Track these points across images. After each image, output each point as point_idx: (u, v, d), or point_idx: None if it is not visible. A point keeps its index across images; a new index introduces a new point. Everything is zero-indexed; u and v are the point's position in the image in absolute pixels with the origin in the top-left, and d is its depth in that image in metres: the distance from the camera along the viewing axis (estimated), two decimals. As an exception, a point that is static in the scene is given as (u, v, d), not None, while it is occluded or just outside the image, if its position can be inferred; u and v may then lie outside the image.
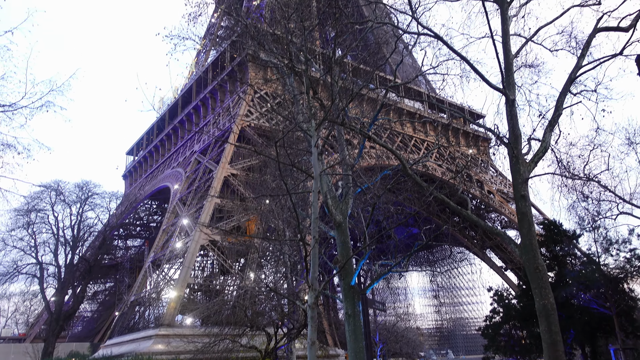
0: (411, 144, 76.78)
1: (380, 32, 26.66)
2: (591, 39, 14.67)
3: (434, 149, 17.45)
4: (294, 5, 17.85)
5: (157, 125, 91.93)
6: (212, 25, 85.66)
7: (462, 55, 15.38)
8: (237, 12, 22.38)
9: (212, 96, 73.96)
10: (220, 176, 54.92)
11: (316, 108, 17.59)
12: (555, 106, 14.54)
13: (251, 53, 43.67)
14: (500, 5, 15.23)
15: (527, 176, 13.94)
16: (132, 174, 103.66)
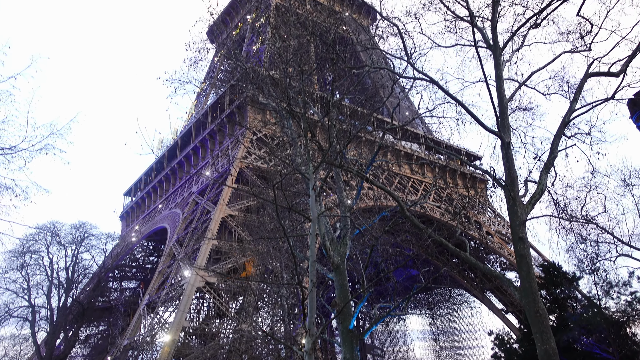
0: (409, 185, 77.03)
1: (377, 76, 27.24)
2: (583, 83, 15.01)
3: (432, 191, 17.56)
4: (293, 50, 18.31)
5: (156, 167, 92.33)
6: (212, 68, 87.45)
7: (457, 99, 15.68)
8: (237, 57, 22.91)
9: (211, 138, 74.67)
10: (217, 218, 54.76)
11: (314, 150, 17.77)
12: (551, 149, 14.73)
13: (250, 96, 44.35)
14: (493, 51, 15.65)
15: (525, 218, 13.96)
16: (129, 214, 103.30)
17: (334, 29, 18.84)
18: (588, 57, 15.77)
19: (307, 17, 21.60)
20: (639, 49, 13.90)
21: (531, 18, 15.71)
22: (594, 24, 15.39)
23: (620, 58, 14.81)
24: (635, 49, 14.00)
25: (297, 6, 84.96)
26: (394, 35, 18.09)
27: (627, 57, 14.37)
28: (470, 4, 16.43)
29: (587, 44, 15.75)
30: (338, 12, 24.99)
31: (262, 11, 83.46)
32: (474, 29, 15.96)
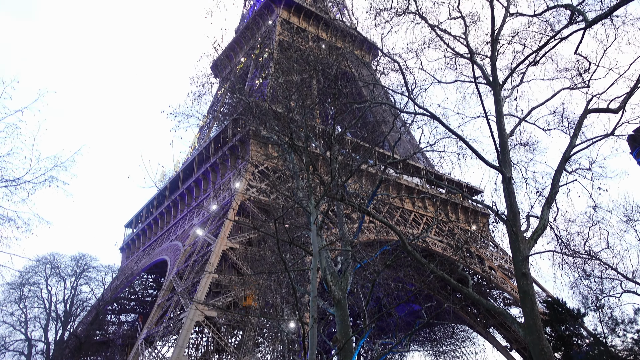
0: (410, 219, 76.79)
1: (378, 111, 27.54)
2: (582, 119, 15.15)
3: (433, 225, 17.55)
4: (296, 85, 18.59)
5: (158, 199, 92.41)
6: (216, 101, 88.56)
7: (458, 134, 15.80)
8: (240, 91, 23.24)
9: (213, 170, 74.97)
10: (218, 251, 54.44)
11: (316, 183, 17.82)
12: (552, 184, 14.74)
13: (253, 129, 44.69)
14: (492, 88, 15.86)
15: (528, 253, 13.86)
16: (129, 246, 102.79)
17: (336, 64, 19.18)
18: (587, 94, 15.97)
19: (309, 53, 22.01)
20: (636, 86, 14.08)
21: (530, 56, 15.99)
22: (591, 62, 15.65)
23: (619, 95, 14.99)
24: (633, 86, 14.18)
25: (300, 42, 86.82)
26: (395, 71, 18.38)
27: (625, 94, 14.54)
28: (469, 42, 16.76)
29: (586, 81, 15.97)
30: (340, 48, 25.47)
31: (266, 47, 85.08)
32: (473, 65, 16.23)
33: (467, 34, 17.06)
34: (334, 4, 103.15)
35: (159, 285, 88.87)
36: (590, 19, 13.50)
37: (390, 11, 17.80)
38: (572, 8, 14.28)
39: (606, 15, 12.80)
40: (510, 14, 16.30)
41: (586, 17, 13.59)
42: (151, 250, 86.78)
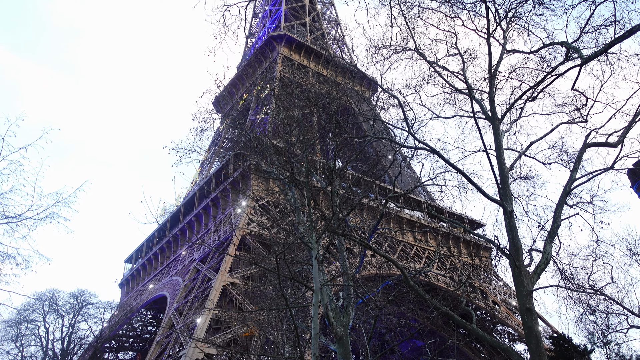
0: (412, 253, 76.23)
1: (379, 145, 27.73)
2: (582, 153, 15.24)
3: (435, 259, 17.42)
4: (296, 120, 18.80)
5: (158, 233, 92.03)
6: (217, 136, 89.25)
7: (458, 168, 15.88)
8: (241, 126, 23.46)
9: (214, 205, 74.94)
10: (218, 286, 53.89)
11: (317, 218, 17.79)
12: (554, 218, 14.72)
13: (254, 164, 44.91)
14: (492, 122, 16.03)
15: (531, 288, 13.71)
16: (129, 282, 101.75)
17: (337, 100, 19.45)
18: (585, 128, 16.13)
19: (310, 89, 22.35)
20: (634, 120, 14.24)
21: (527, 91, 16.22)
22: (588, 97, 15.86)
23: (617, 129, 15.14)
24: (631, 120, 14.34)
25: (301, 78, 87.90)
26: (394, 106, 18.63)
27: (623, 129, 14.68)
28: (467, 78, 17.04)
29: (584, 115, 16.15)
30: (340, 84, 25.86)
31: (267, 83, 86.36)
32: (472, 101, 16.45)
33: (465, 70, 17.37)
34: (334, 42, 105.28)
35: (158, 322, 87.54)
36: (585, 55, 13.76)
37: (389, 48, 18.17)
38: (568, 45, 14.57)
39: (601, 53, 13.06)
40: (507, 51, 16.63)
41: (581, 54, 13.86)
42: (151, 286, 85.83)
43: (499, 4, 16.46)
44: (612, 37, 13.65)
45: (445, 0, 17.38)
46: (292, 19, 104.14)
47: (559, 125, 16.56)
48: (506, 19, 16.62)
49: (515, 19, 16.77)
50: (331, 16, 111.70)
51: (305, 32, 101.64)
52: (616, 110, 15.19)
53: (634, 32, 11.17)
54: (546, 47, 16.15)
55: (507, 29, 16.80)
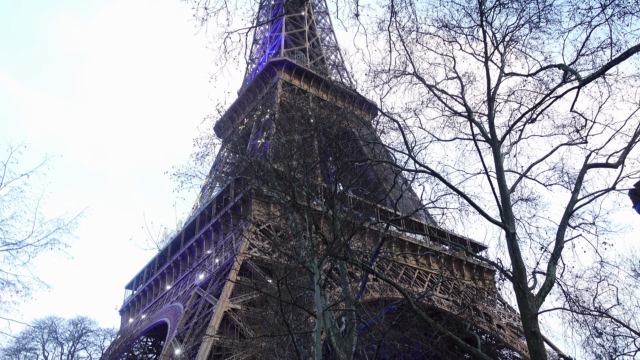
0: (415, 276, 75.63)
1: (379, 168, 27.78)
2: (582, 174, 15.24)
3: (438, 282, 17.32)
4: (297, 145, 18.87)
5: (159, 259, 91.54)
6: (218, 161, 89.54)
7: (459, 191, 15.86)
8: (242, 151, 23.56)
9: (215, 230, 74.72)
10: (219, 312, 53.35)
11: (318, 242, 17.70)
12: (556, 239, 14.63)
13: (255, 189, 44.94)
14: (491, 145, 16.07)
15: (536, 311, 13.55)
16: (129, 308, 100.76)
17: (337, 124, 19.56)
18: (585, 149, 16.18)
19: (310, 114, 22.52)
20: (634, 141, 14.28)
21: (526, 113, 16.32)
22: (587, 119, 15.94)
23: (617, 150, 15.17)
24: (631, 141, 14.38)
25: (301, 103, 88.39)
26: (394, 129, 18.71)
27: (623, 149, 14.71)
28: (467, 101, 17.16)
29: (583, 136, 16.21)
30: (340, 108, 26.06)
31: (268, 107, 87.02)
32: (471, 124, 16.53)
33: (464, 93, 17.51)
34: (334, 67, 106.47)
35: (158, 349, 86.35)
36: (583, 77, 13.88)
37: (389, 73, 18.36)
38: (565, 68, 14.71)
39: (599, 74, 13.18)
40: (505, 74, 16.78)
41: (579, 76, 13.98)
42: (151, 312, 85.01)
43: (496, 28, 16.71)
44: (608, 59, 13.79)
45: (443, 25, 17.63)
46: (292, 44, 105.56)
47: (559, 147, 16.61)
48: (503, 42, 16.83)
49: (512, 42, 16.99)
50: (330, 42, 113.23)
51: (305, 57, 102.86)
52: (615, 131, 15.25)
53: (630, 54, 11.29)
54: (544, 69, 16.31)
55: (505, 52, 17.01)
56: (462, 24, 17.28)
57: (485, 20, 15.99)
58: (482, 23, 15.94)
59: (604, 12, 13.52)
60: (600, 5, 13.35)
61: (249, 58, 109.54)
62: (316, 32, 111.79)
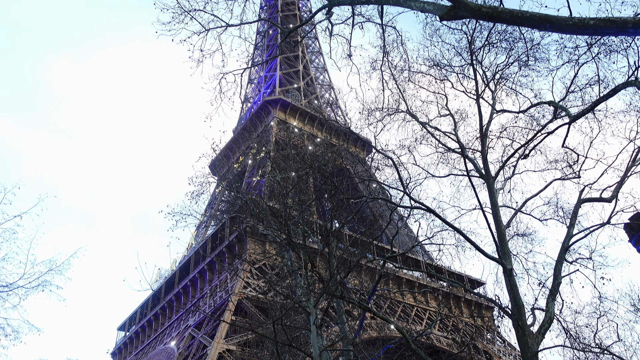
0: (413, 314, 74.55)
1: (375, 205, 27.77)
2: (577, 209, 15.31)
3: (437, 320, 17.05)
4: (292, 182, 18.92)
5: (152, 299, 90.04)
6: (213, 199, 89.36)
7: (455, 227, 15.85)
8: (237, 189, 23.56)
9: (210, 269, 73.88)
10: (214, 354, 52.16)
11: (314, 280, 17.51)
12: (554, 275, 14.55)
13: (250, 228, 44.77)
14: (486, 180, 16.17)
15: (536, 349, 13.33)
16: (121, 351, 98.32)
17: (332, 161, 19.68)
18: (579, 184, 16.30)
19: (305, 152, 22.67)
20: (626, 175, 14.42)
21: (519, 149, 16.51)
22: (579, 154, 16.14)
23: (610, 184, 15.31)
24: (623, 176, 14.52)
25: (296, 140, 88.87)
26: (389, 166, 18.84)
27: (616, 184, 14.85)
28: (460, 137, 17.37)
29: (576, 171, 16.36)
30: (335, 145, 26.26)
31: (263, 145, 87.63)
32: (465, 160, 16.68)
33: (457, 130, 17.73)
34: (328, 105, 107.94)
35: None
36: (573, 114, 14.13)
37: (382, 111, 18.62)
38: (555, 105, 14.99)
39: (588, 111, 13.42)
40: (496, 111, 17.06)
41: (569, 112, 14.23)
42: (144, 355, 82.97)
43: (486, 67, 17.08)
44: (597, 96, 14.08)
45: (435, 64, 18.02)
46: (287, 83, 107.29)
47: (553, 182, 16.75)
48: (494, 80, 17.18)
49: (502, 80, 17.34)
50: (324, 80, 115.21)
51: (300, 96, 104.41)
52: (607, 166, 15.42)
53: (617, 90, 11.54)
54: (534, 106, 16.62)
55: (496, 89, 17.33)
56: (453, 63, 17.69)
57: (475, 59, 16.37)
58: (472, 62, 16.31)
59: (590, 50, 13.90)
60: (586, 44, 13.73)
61: (244, 97, 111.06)
62: (310, 71, 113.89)
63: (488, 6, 8.08)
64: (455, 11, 8.18)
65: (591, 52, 14.03)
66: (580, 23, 7.12)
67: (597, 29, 7.10)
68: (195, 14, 13.63)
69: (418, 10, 9.44)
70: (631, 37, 12.08)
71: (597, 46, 13.94)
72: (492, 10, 7.79)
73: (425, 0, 9.45)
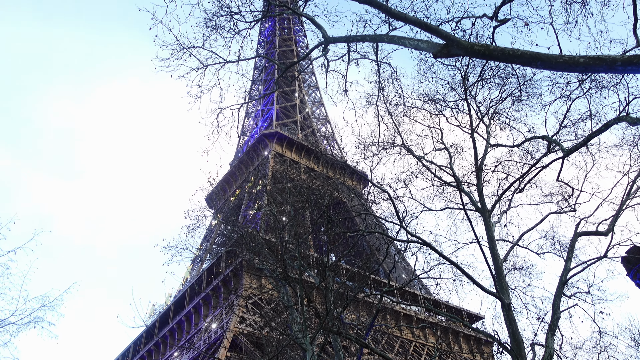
0: (411, 349, 73.24)
1: (372, 238, 27.68)
2: (574, 242, 15.30)
3: (435, 356, 16.77)
4: (288, 215, 18.89)
5: (146, 335, 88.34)
6: (209, 232, 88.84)
7: (452, 261, 15.77)
8: (234, 223, 23.49)
9: (205, 303, 72.82)
10: (208, 391, 50.86)
11: (311, 315, 17.29)
12: (552, 309, 14.42)
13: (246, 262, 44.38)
14: (482, 214, 16.19)
15: (537, 386, 13.10)
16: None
17: (328, 195, 19.72)
18: (575, 217, 16.34)
19: (302, 185, 22.72)
20: (621, 209, 14.48)
21: (514, 183, 16.61)
22: (574, 188, 16.25)
23: (606, 217, 15.36)
24: (618, 209, 14.59)
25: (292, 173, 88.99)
26: (385, 200, 18.87)
27: (611, 217, 14.90)
28: (455, 171, 17.48)
29: (572, 205, 16.43)
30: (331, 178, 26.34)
31: (259, 179, 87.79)
32: (461, 193, 16.75)
33: (452, 164, 17.87)
34: (325, 139, 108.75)
35: None
36: (567, 148, 14.29)
37: (378, 145, 18.77)
38: (549, 139, 15.17)
39: (582, 145, 13.58)
40: (491, 145, 17.23)
41: (562, 147, 14.40)
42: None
43: (480, 102, 17.35)
44: (590, 130, 14.28)
45: (429, 99, 18.29)
46: (284, 117, 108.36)
47: (549, 215, 16.79)
48: (488, 115, 17.43)
49: (496, 114, 17.59)
50: (321, 114, 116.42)
51: (297, 129, 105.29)
52: (602, 200, 15.51)
53: (609, 126, 11.73)
54: (528, 140, 16.81)
55: (490, 124, 17.56)
56: (447, 98, 17.97)
57: (469, 94, 16.65)
58: (466, 97, 16.58)
59: (582, 86, 14.17)
60: (577, 80, 14.00)
61: (241, 131, 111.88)
62: (307, 105, 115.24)
63: (480, 44, 8.28)
64: (448, 49, 8.38)
65: (582, 88, 14.31)
66: (571, 61, 7.29)
67: (587, 66, 7.27)
68: (194, 50, 13.89)
69: (412, 48, 9.66)
70: (620, 74, 12.34)
71: (588, 82, 14.24)
72: (484, 49, 7.99)
73: (419, 39, 9.68)
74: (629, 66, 6.80)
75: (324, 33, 12.04)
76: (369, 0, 10.12)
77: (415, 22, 9.61)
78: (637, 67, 6.75)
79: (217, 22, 14.15)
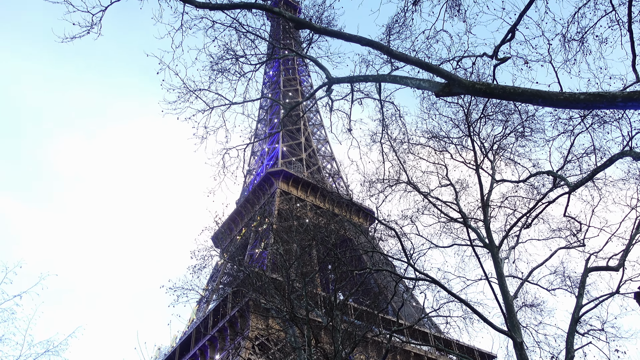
0: (423, 391, 71.12)
1: (380, 276, 27.37)
2: (584, 278, 15.05)
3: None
4: (295, 254, 18.79)
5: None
6: (215, 271, 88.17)
7: (461, 299, 15.53)
8: (240, 262, 23.36)
9: (212, 344, 71.58)
10: None
11: (319, 356, 16.94)
12: (566, 348, 14.06)
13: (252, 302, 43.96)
14: (490, 250, 16.03)
15: None
16: None
17: (335, 232, 19.65)
18: (584, 252, 16.14)
19: (308, 223, 22.68)
20: (631, 243, 14.31)
21: (521, 219, 16.50)
22: (582, 223, 16.12)
23: (616, 252, 15.15)
24: (628, 244, 14.41)
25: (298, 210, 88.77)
26: (392, 237, 18.75)
27: (622, 252, 14.70)
28: (461, 207, 17.42)
29: (580, 240, 16.26)
30: (337, 215, 26.28)
31: (265, 217, 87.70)
32: (468, 229, 16.64)
33: (459, 200, 17.82)
34: (330, 176, 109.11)
35: None
36: (572, 183, 14.26)
37: (383, 182, 18.80)
38: (554, 174, 15.16)
39: (587, 180, 13.56)
40: (496, 180, 17.23)
41: (568, 182, 14.37)
42: None
43: (484, 138, 17.45)
44: (594, 164, 14.27)
45: (433, 136, 18.42)
46: (289, 155, 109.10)
47: (558, 250, 16.60)
48: (492, 150, 17.49)
49: (500, 150, 17.65)
50: (326, 152, 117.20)
51: (302, 167, 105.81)
52: (611, 234, 15.35)
53: (613, 160, 11.73)
54: (533, 176, 16.79)
55: (494, 159, 17.60)
56: (451, 134, 18.09)
57: (472, 131, 16.77)
58: (470, 133, 16.69)
59: (584, 121, 14.25)
60: (579, 116, 14.10)
61: (247, 170, 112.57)
62: (312, 143, 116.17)
63: (481, 83, 8.41)
64: (449, 88, 8.50)
65: (585, 123, 14.39)
66: (571, 98, 7.36)
67: (588, 103, 7.32)
68: (200, 93, 14.18)
69: (414, 87, 9.81)
70: (622, 110, 12.44)
71: (591, 117, 14.32)
72: (486, 87, 8.10)
73: (421, 78, 9.84)
74: (630, 102, 6.85)
75: (328, 74, 12.26)
76: (370, 42, 10.34)
77: (416, 62, 9.80)
78: (637, 103, 6.80)
79: (223, 65, 14.48)
